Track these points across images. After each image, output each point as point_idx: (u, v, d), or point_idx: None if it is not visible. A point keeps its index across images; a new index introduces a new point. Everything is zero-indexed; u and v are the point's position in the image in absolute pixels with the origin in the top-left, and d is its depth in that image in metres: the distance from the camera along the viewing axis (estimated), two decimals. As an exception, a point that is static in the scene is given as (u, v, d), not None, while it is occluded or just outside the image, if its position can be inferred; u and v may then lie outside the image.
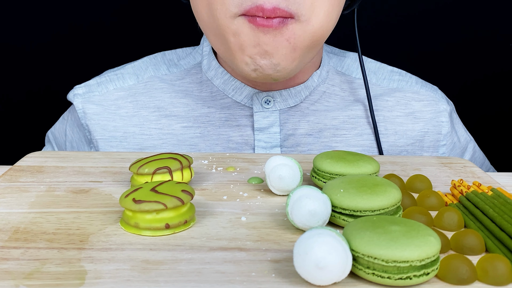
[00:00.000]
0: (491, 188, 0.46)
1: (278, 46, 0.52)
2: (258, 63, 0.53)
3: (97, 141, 0.64)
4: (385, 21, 0.89)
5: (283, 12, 0.51)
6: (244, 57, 0.54)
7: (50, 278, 0.32)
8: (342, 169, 0.46)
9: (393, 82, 0.69)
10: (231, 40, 0.54)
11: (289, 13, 0.51)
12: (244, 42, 0.53)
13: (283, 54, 0.53)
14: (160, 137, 0.64)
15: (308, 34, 0.54)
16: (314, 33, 0.54)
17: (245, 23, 0.52)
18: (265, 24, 0.51)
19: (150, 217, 0.38)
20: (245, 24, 0.52)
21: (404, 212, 0.41)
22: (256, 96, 0.62)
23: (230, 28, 0.53)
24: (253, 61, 0.54)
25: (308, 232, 0.32)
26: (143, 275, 0.33)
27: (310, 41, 0.54)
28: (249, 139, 0.63)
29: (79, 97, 0.65)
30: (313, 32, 0.54)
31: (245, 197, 0.46)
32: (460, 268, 0.33)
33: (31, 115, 0.90)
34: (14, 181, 0.48)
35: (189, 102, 0.65)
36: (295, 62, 0.55)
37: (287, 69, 0.54)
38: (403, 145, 0.66)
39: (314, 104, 0.65)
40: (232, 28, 0.53)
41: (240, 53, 0.54)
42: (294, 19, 0.52)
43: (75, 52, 0.88)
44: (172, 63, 0.69)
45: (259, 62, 0.53)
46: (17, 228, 0.39)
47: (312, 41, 0.55)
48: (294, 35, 0.53)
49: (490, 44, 0.90)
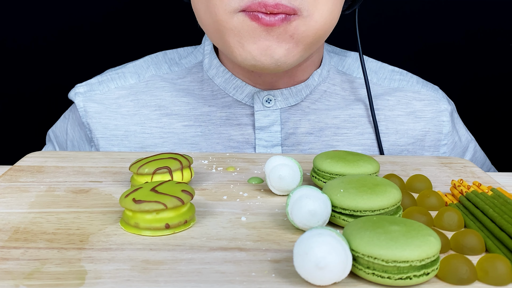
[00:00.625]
0: (491, 188, 0.46)
1: (281, 41, 0.52)
2: (258, 59, 0.53)
3: (97, 139, 0.64)
4: (386, 21, 0.89)
5: (286, 7, 0.50)
6: (244, 52, 0.54)
7: (50, 278, 0.32)
8: (342, 169, 0.46)
9: (394, 81, 0.69)
10: (231, 36, 0.53)
11: (292, 8, 0.51)
12: (243, 40, 0.53)
13: (286, 49, 0.53)
14: (161, 136, 0.64)
15: (312, 30, 0.54)
16: (318, 29, 0.54)
17: (246, 20, 0.52)
18: (268, 22, 0.51)
19: (150, 217, 0.38)
20: (245, 21, 0.52)
21: (404, 212, 0.41)
22: (257, 95, 0.62)
23: (229, 24, 0.53)
24: (254, 57, 0.53)
25: (308, 232, 0.32)
26: (143, 275, 0.33)
27: (313, 38, 0.54)
28: (250, 138, 0.63)
29: (80, 95, 0.65)
30: (317, 28, 0.54)
31: (245, 197, 0.46)
32: (460, 268, 0.33)
33: (31, 115, 0.90)
34: (14, 181, 0.48)
35: (190, 101, 0.65)
36: (296, 57, 0.55)
37: (287, 63, 0.54)
38: (404, 145, 0.66)
39: (315, 103, 0.65)
40: (232, 24, 0.52)
41: (241, 49, 0.54)
42: (297, 15, 0.52)
43: (76, 51, 0.88)
44: (173, 62, 0.69)
45: (260, 58, 0.53)
46: (17, 228, 0.39)
47: (315, 37, 0.55)
48: (298, 31, 0.53)
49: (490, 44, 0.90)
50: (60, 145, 0.69)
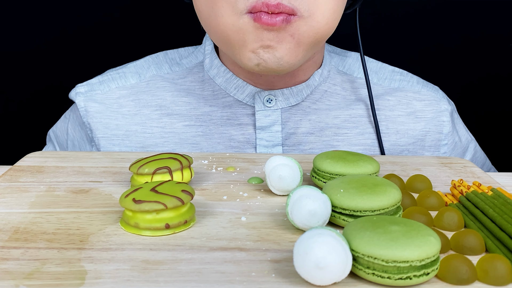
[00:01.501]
0: (491, 188, 0.46)
1: (282, 40, 0.53)
2: (261, 57, 0.54)
3: (98, 139, 0.64)
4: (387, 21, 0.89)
5: (286, 8, 0.51)
6: (247, 52, 0.54)
7: (50, 278, 0.32)
8: (342, 169, 0.46)
9: (395, 82, 0.69)
10: (235, 37, 0.54)
11: (292, 9, 0.52)
12: (247, 39, 0.53)
13: (287, 48, 0.53)
14: (162, 136, 0.64)
15: (314, 30, 0.54)
16: (319, 30, 0.54)
17: (250, 22, 0.52)
18: (269, 22, 0.51)
19: (150, 217, 0.38)
20: (250, 23, 0.52)
21: (404, 212, 0.41)
22: (258, 95, 0.62)
23: (234, 26, 0.53)
24: (256, 56, 0.54)
25: (308, 232, 0.32)
26: (143, 275, 0.33)
27: (314, 38, 0.55)
28: (250, 137, 0.63)
29: (81, 95, 0.65)
30: (318, 28, 0.54)
31: (245, 197, 0.46)
32: (460, 268, 0.33)
33: (31, 115, 0.90)
34: (14, 181, 0.48)
35: (191, 100, 0.65)
36: (298, 57, 0.55)
37: (290, 63, 0.55)
38: (404, 145, 0.66)
39: (315, 103, 0.65)
40: (237, 26, 0.53)
41: (244, 48, 0.54)
42: (297, 16, 0.52)
43: (77, 51, 0.88)
44: (174, 62, 0.69)
45: (263, 56, 0.54)
46: (17, 228, 0.39)
47: (317, 37, 0.55)
48: (299, 31, 0.53)
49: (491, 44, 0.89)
50: (61, 145, 0.69)
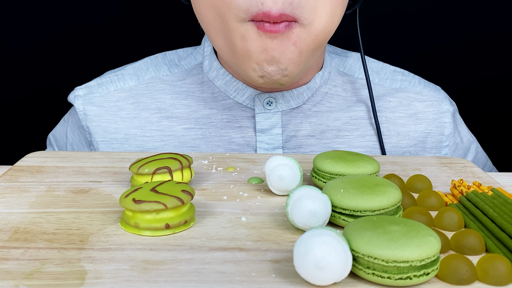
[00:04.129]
0: (491, 188, 0.46)
1: (285, 51, 0.53)
2: (265, 70, 0.54)
3: (97, 143, 0.64)
4: (387, 21, 0.89)
5: (289, 17, 0.52)
6: (251, 63, 0.54)
7: (50, 278, 0.32)
8: (342, 169, 0.46)
9: (396, 82, 0.69)
10: (239, 44, 0.54)
11: (293, 17, 0.52)
12: (251, 48, 0.53)
13: (290, 59, 0.54)
14: (162, 139, 0.64)
15: (312, 37, 0.54)
16: (317, 36, 0.54)
17: (253, 28, 0.52)
18: (272, 29, 0.52)
19: (150, 217, 0.38)
20: (253, 30, 0.52)
21: (404, 212, 0.41)
22: (258, 97, 0.62)
23: (238, 32, 0.53)
24: (261, 68, 0.54)
25: (308, 232, 0.32)
26: (143, 275, 0.33)
27: (314, 44, 0.55)
28: (251, 140, 0.63)
29: (80, 98, 0.65)
30: (316, 34, 0.54)
31: (245, 197, 0.46)
32: (460, 268, 0.33)
33: (31, 115, 0.90)
34: (14, 181, 0.48)
35: (190, 103, 0.65)
36: (301, 66, 0.55)
37: (294, 73, 0.55)
38: (405, 146, 0.66)
39: (316, 106, 0.65)
40: (240, 32, 0.53)
41: (248, 59, 0.54)
42: (298, 23, 0.52)
43: (75, 53, 0.88)
44: (173, 63, 0.68)
45: (267, 68, 0.54)
46: (17, 228, 0.39)
47: (316, 43, 0.55)
48: (300, 38, 0.53)
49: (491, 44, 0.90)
50: (61, 148, 0.69)
